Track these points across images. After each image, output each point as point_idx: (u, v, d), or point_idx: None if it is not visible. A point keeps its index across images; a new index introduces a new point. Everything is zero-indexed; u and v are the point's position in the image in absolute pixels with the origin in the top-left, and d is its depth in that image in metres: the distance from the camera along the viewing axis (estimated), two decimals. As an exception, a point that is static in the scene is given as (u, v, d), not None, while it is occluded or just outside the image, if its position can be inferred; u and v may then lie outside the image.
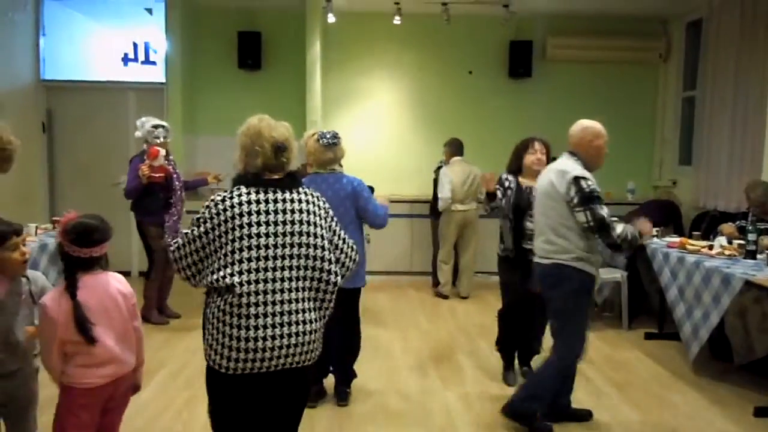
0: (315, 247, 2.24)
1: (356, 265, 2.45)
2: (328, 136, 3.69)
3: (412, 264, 7.39)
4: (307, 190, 2.33)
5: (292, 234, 2.21)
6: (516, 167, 4.18)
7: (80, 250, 2.35)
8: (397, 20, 6.98)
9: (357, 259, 2.44)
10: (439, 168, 6.59)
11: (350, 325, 3.88)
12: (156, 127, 5.14)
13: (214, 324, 2.17)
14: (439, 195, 6.29)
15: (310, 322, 2.24)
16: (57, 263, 4.52)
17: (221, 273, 2.14)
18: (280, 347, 2.17)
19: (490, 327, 5.48)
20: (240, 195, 2.19)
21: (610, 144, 3.49)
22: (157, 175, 5.05)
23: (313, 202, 2.31)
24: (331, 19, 6.94)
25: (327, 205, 2.38)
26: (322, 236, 2.27)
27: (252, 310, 2.14)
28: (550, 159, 4.12)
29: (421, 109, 7.71)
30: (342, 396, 3.88)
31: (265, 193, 2.22)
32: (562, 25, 7.54)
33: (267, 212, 2.20)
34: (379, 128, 7.66)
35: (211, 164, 6.79)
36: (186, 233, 2.24)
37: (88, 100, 7.12)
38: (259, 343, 2.14)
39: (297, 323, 2.20)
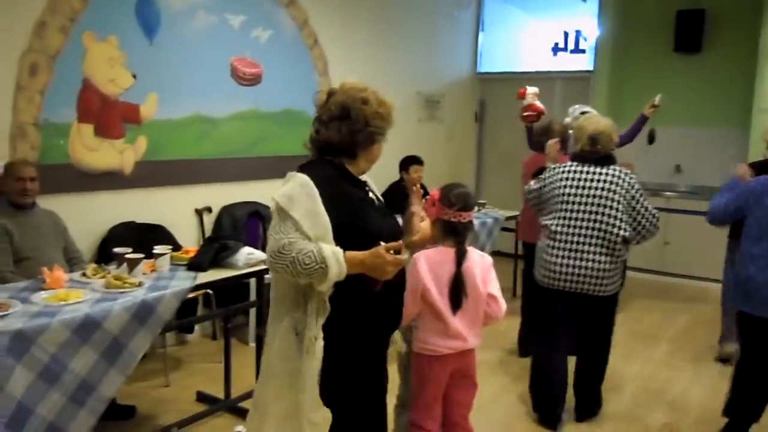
0: (607, 206, 3.11)
1: (656, 230, 3.18)
2: None
3: None
4: (616, 167, 3.17)
5: (591, 196, 3.13)
6: None
7: (461, 215, 2.41)
8: None
9: (657, 227, 3.17)
10: None
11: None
12: (583, 113, 5.00)
13: (539, 252, 3.30)
14: None
15: (598, 262, 3.12)
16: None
17: (547, 218, 3.25)
18: (572, 274, 3.15)
19: None
20: (565, 167, 3.24)
21: None
22: (526, 113, 4.91)
23: (618, 176, 3.14)
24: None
25: (633, 182, 3.14)
26: (616, 201, 3.10)
27: (558, 244, 3.18)
28: None
29: None
30: None
31: (583, 166, 3.19)
32: None
33: (579, 180, 3.18)
34: None
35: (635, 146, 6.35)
36: (533, 182, 3.40)
37: (515, 91, 7.40)
38: (559, 268, 3.17)
39: (585, 260, 3.12)
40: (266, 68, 4.80)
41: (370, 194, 2.07)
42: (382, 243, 1.85)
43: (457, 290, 2.38)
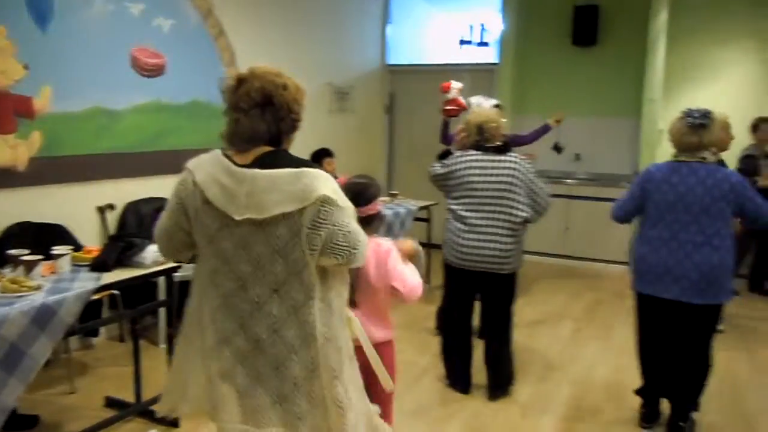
0: (509, 191, 3.39)
1: (549, 206, 3.50)
2: (695, 115, 3.04)
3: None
4: (514, 155, 3.48)
5: (495, 182, 3.40)
6: None
7: (357, 210, 2.25)
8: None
9: (549, 204, 3.49)
10: (745, 157, 5.46)
11: (698, 347, 3.16)
12: (496, 106, 5.16)
13: (448, 234, 3.54)
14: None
15: (502, 243, 3.39)
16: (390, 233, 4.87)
17: (453, 204, 3.51)
18: (478, 255, 3.41)
19: None
20: (470, 155, 3.50)
21: None
22: (448, 107, 5.01)
23: (517, 163, 3.43)
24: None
25: (529, 167, 3.45)
26: (517, 186, 3.39)
27: (467, 228, 3.43)
28: None
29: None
30: (674, 429, 3.21)
31: (485, 155, 3.47)
32: None
33: (483, 168, 3.43)
34: (732, 109, 6.60)
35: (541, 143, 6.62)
36: (438, 165, 3.60)
37: (425, 83, 7.54)
38: (469, 250, 3.43)
39: (492, 241, 3.39)
40: (169, 59, 4.63)
41: None
42: None
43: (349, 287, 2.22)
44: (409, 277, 2.38)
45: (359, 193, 2.33)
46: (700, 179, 3.02)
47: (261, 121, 1.80)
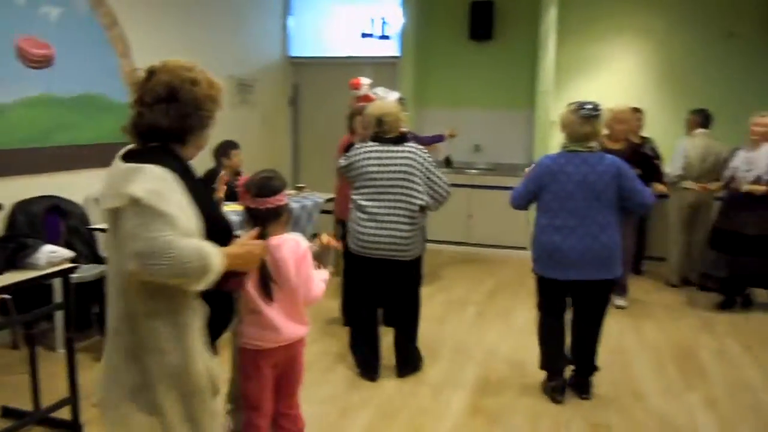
0: (408, 180, 3.51)
1: (448, 195, 3.61)
2: (588, 107, 3.29)
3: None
4: (411, 145, 3.59)
5: (394, 172, 3.51)
6: None
7: (261, 201, 2.32)
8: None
9: (449, 192, 3.61)
10: None
11: (593, 318, 3.51)
12: (401, 99, 5.26)
13: (350, 224, 3.66)
14: (667, 169, 5.67)
15: (401, 230, 3.51)
16: (297, 226, 4.87)
17: (354, 194, 3.62)
18: (380, 242, 3.52)
19: (736, 323, 4.87)
20: (368, 147, 3.61)
21: None
22: (360, 104, 5.13)
23: (415, 153, 3.56)
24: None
25: (426, 155, 3.58)
26: (415, 175, 3.52)
27: (367, 216, 3.54)
28: None
29: (667, 79, 6.90)
30: (582, 388, 3.55)
31: (382, 146, 3.57)
32: None
33: (380, 158, 3.54)
34: (617, 100, 7.04)
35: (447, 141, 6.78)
36: (342, 158, 3.73)
37: (328, 75, 7.55)
38: (369, 238, 3.54)
39: (393, 230, 3.50)
40: (59, 49, 4.39)
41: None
42: (239, 233, 1.81)
43: (264, 279, 2.28)
44: (314, 285, 2.43)
45: (263, 185, 2.35)
46: (592, 167, 3.26)
47: (165, 116, 1.75)
